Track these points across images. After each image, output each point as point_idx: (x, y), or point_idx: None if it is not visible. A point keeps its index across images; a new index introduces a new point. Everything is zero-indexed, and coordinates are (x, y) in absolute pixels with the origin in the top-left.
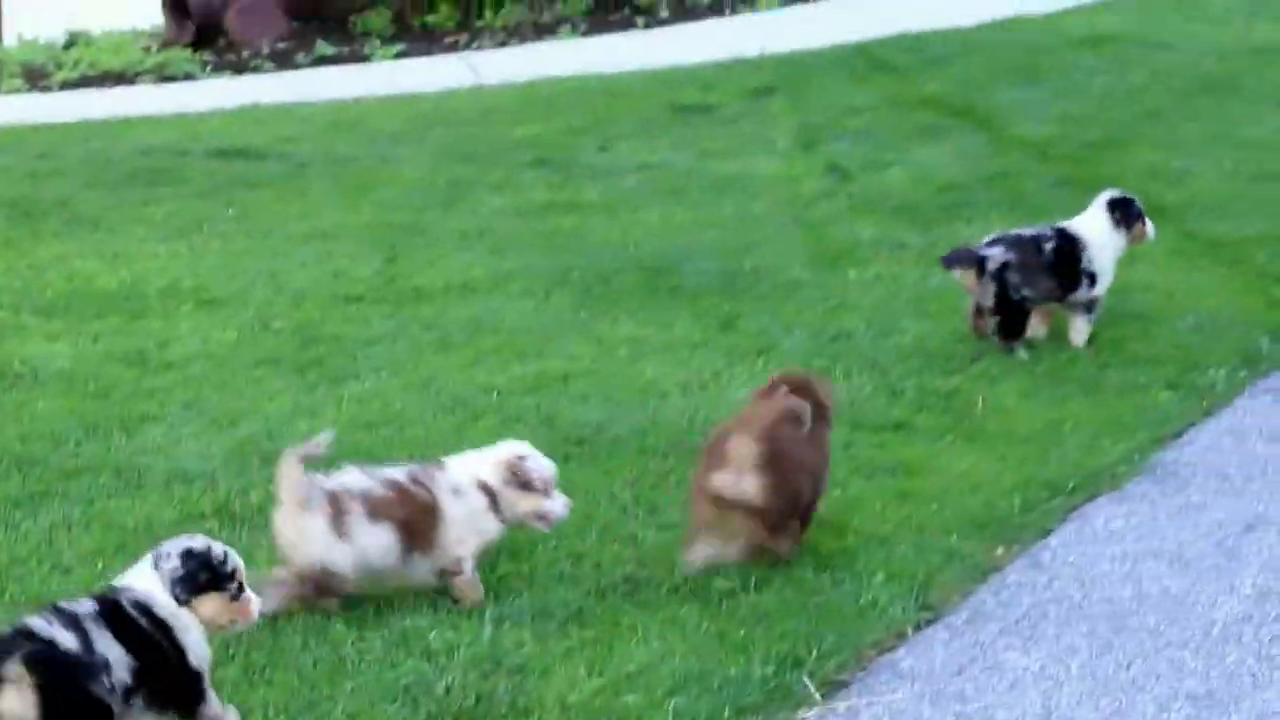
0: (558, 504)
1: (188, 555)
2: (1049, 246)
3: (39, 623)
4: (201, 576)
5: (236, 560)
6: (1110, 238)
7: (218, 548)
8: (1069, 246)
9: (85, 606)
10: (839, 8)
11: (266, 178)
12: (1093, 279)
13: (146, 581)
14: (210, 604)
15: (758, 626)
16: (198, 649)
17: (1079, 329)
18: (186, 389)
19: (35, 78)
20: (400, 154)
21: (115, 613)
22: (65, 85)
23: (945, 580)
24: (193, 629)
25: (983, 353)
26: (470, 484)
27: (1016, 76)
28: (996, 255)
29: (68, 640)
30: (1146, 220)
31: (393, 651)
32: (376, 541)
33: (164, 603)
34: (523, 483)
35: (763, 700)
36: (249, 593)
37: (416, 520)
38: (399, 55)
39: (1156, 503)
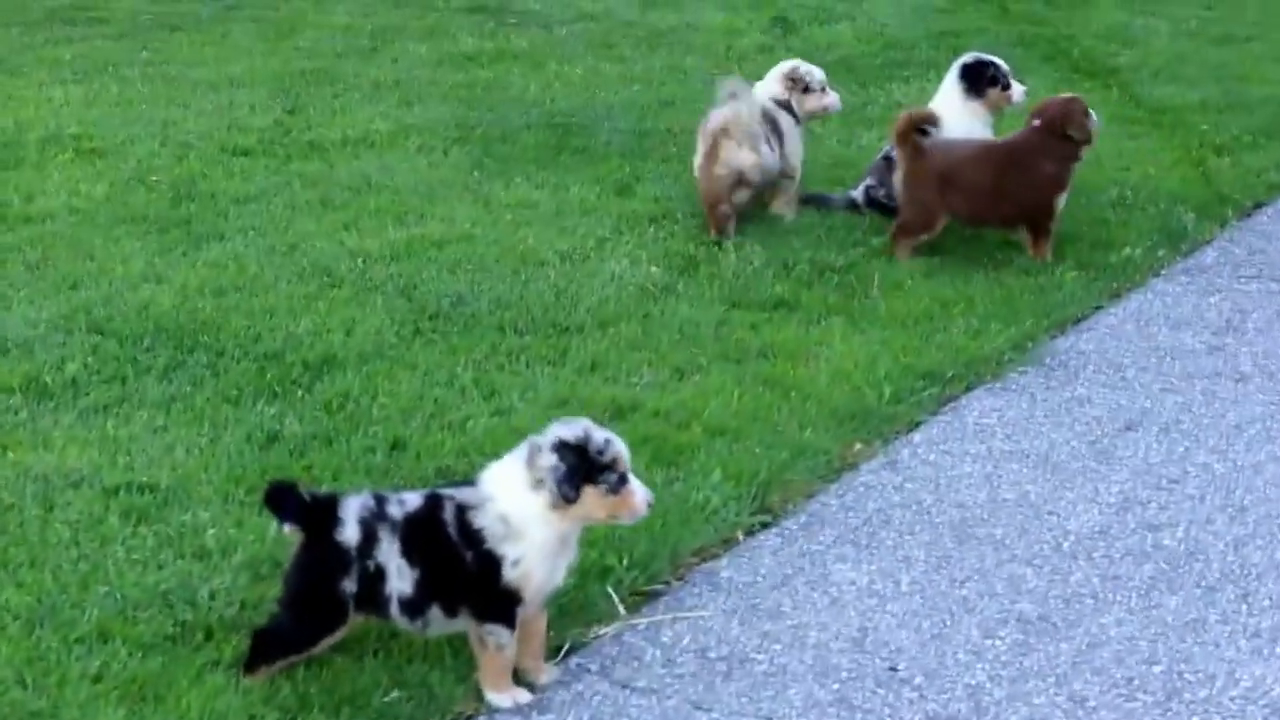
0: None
1: (563, 447)
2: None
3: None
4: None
5: (618, 448)
6: (965, 110)
7: (597, 435)
8: None
9: (407, 502)
10: None
11: (190, 20)
12: None
13: (500, 480)
14: (587, 499)
15: None
16: (526, 564)
17: None
18: (36, 248)
19: None
20: None
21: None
22: None
23: (790, 480)
24: (525, 539)
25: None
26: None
27: None
28: (860, 192)
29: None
30: (1011, 83)
31: (163, 551)
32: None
33: (501, 505)
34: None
35: (555, 614)
36: (633, 483)
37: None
38: None
39: (1037, 396)
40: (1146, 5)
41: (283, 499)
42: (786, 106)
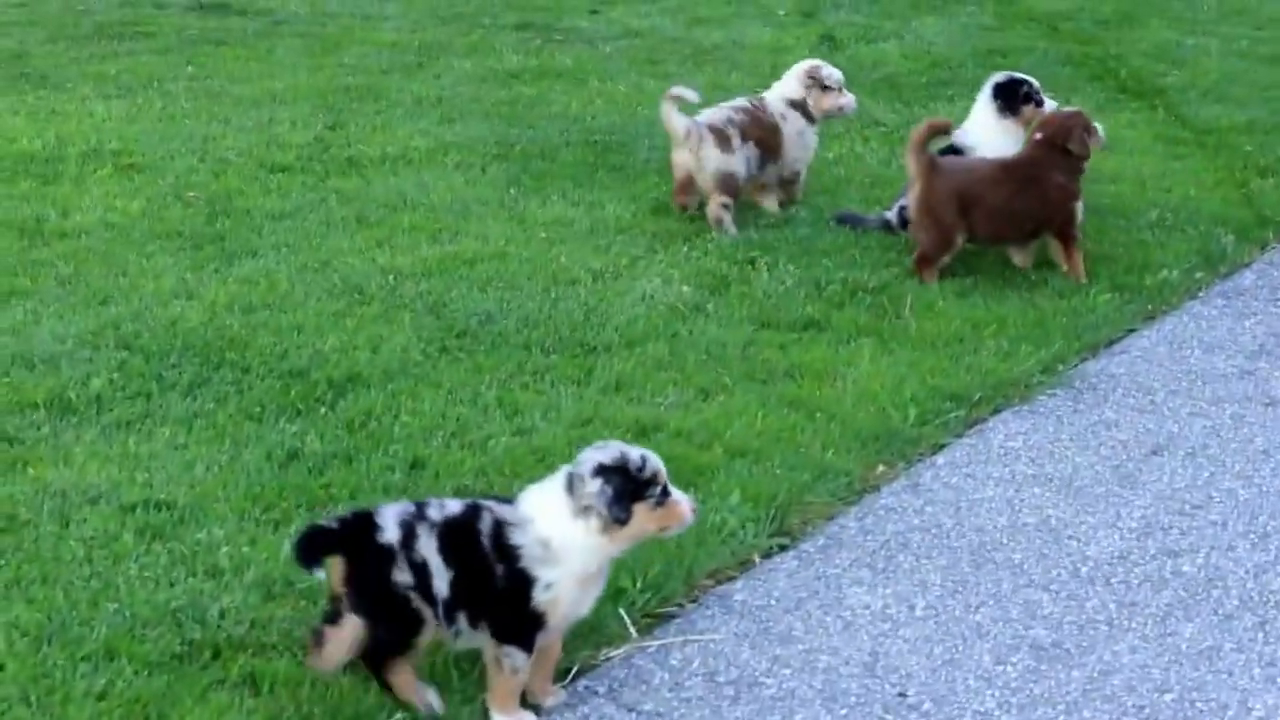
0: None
1: (605, 471)
2: None
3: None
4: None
5: (655, 462)
6: (999, 129)
7: (633, 454)
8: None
9: (446, 509)
10: None
11: (237, 35)
12: None
13: (540, 505)
14: (637, 517)
15: None
16: (558, 590)
17: None
18: (69, 263)
19: None
20: (385, 11)
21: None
22: None
23: (809, 502)
24: (563, 565)
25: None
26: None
27: None
28: (894, 213)
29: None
30: (1044, 100)
31: (175, 568)
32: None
33: (543, 529)
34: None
35: (566, 635)
36: (676, 493)
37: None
38: None
39: (1064, 419)
40: (1197, 24)
41: (313, 543)
42: (800, 106)
